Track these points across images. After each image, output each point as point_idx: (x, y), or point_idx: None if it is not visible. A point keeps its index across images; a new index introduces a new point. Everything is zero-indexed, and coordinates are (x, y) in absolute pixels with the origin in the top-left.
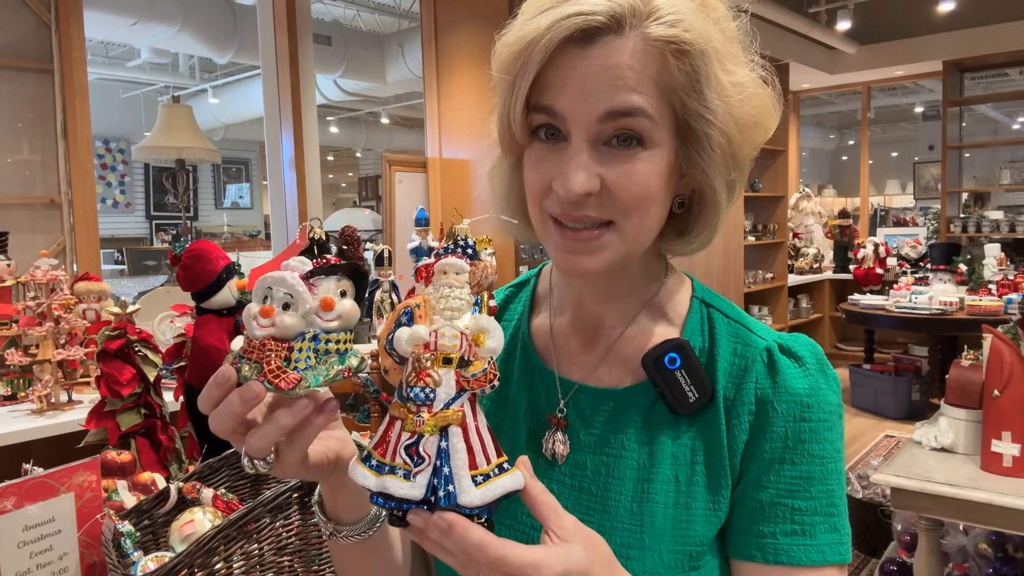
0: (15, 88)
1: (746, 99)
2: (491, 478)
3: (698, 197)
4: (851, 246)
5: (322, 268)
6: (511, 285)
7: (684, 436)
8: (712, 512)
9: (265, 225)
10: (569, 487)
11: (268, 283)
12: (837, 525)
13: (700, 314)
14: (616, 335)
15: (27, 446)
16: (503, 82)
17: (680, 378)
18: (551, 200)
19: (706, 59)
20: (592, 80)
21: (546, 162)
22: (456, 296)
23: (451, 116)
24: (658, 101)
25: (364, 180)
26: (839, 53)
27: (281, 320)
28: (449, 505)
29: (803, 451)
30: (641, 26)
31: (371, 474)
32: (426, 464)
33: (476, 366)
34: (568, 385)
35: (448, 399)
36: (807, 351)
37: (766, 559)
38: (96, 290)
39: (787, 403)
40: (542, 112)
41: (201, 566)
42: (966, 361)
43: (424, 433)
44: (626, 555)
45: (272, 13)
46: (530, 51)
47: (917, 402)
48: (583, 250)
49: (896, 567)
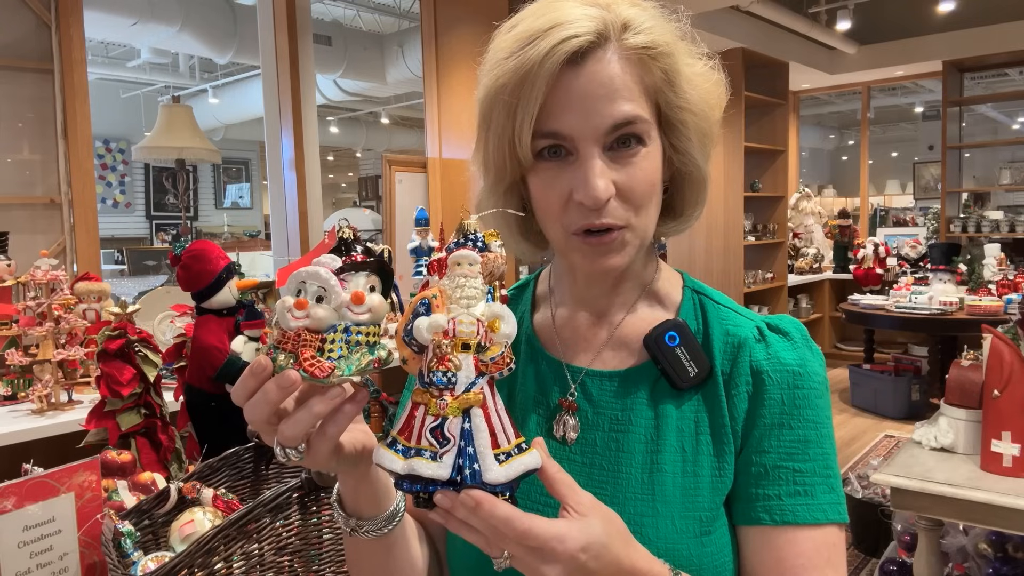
0: (15, 88)
1: (706, 84)
2: (512, 456)
3: (685, 178)
4: (851, 246)
5: (352, 264)
6: (512, 288)
7: (687, 409)
8: (718, 479)
9: (265, 225)
10: (581, 464)
11: (302, 277)
12: (834, 486)
13: (692, 301)
14: (618, 321)
15: (27, 446)
16: (500, 112)
17: (680, 354)
18: (571, 215)
19: (673, 56)
20: (591, 97)
21: (560, 179)
22: (471, 285)
23: (451, 116)
24: (647, 103)
25: (364, 180)
26: (839, 53)
27: (315, 312)
28: (475, 483)
29: (799, 416)
30: (619, 39)
31: (398, 458)
32: (451, 445)
33: (493, 350)
34: (576, 371)
35: (468, 382)
36: (793, 327)
37: (773, 520)
38: (96, 290)
39: (780, 372)
40: (547, 137)
41: (201, 566)
42: (966, 361)
43: (448, 415)
44: (640, 523)
45: (272, 13)
46: (533, 79)
47: (917, 402)
48: (608, 251)
49: (896, 567)
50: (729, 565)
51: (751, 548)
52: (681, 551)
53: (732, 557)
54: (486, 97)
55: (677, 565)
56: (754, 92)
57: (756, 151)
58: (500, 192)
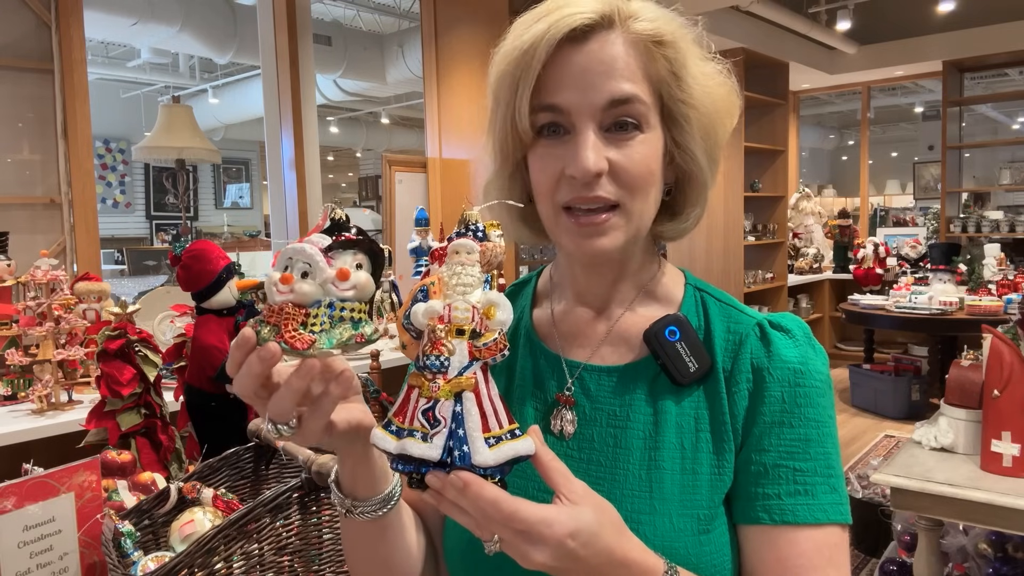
0: (15, 88)
1: (715, 85)
2: (503, 441)
3: (686, 178)
4: (851, 246)
5: (340, 243)
6: (514, 284)
7: (687, 405)
8: (717, 476)
9: (265, 225)
10: (578, 460)
11: (289, 254)
12: (836, 486)
13: (694, 298)
14: (617, 316)
15: (27, 446)
16: (505, 87)
17: (680, 349)
18: (562, 190)
19: (680, 51)
20: (591, 72)
21: (553, 155)
22: (468, 273)
23: (451, 116)
24: (648, 89)
25: (364, 180)
26: (839, 53)
27: (300, 287)
28: (464, 464)
29: (799, 415)
30: (625, 24)
31: (391, 438)
32: (442, 427)
33: (487, 336)
34: (574, 365)
35: (461, 367)
36: (795, 325)
37: (772, 519)
38: (96, 290)
39: (781, 370)
40: (546, 111)
41: (201, 566)
42: (966, 361)
43: (440, 398)
44: (637, 520)
45: (272, 13)
46: (532, 53)
47: (917, 402)
48: (596, 232)
49: (896, 567)
50: (728, 563)
51: (751, 547)
52: (679, 549)
53: (731, 555)
54: (495, 76)
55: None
56: (754, 92)
57: (756, 151)
58: (505, 176)
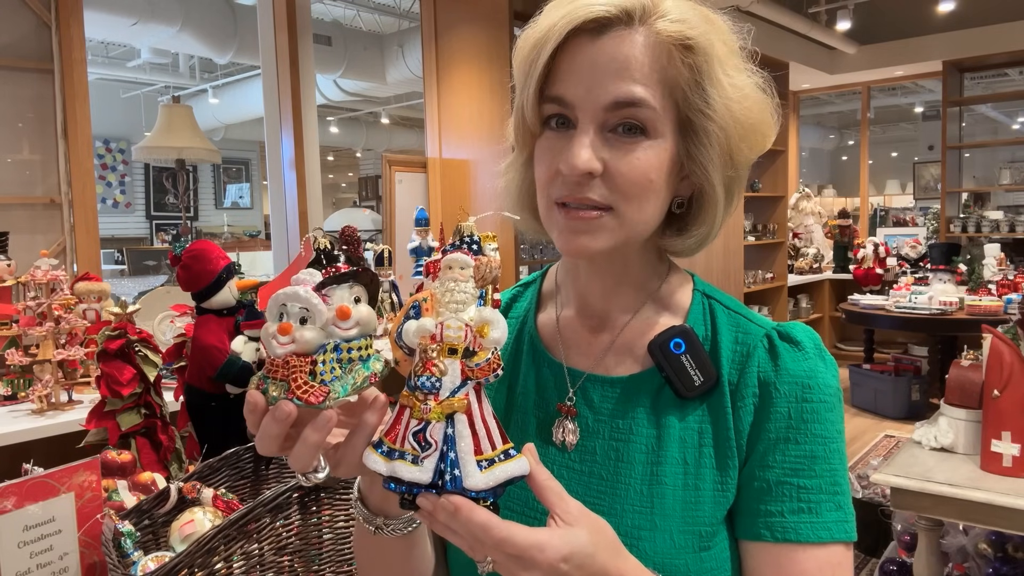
0: (15, 88)
1: (744, 100)
2: (496, 463)
3: (697, 194)
4: (851, 246)
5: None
6: (518, 285)
7: (691, 419)
8: (720, 493)
9: (265, 225)
10: (579, 472)
11: (282, 300)
12: (841, 504)
13: (702, 306)
14: (621, 325)
15: (27, 446)
16: (520, 73)
17: (685, 362)
18: (556, 185)
19: (708, 58)
20: (600, 68)
21: (554, 148)
22: (461, 290)
23: (451, 116)
24: (661, 94)
25: (364, 180)
26: (839, 53)
27: (301, 335)
28: (455, 488)
29: (806, 431)
30: (649, 22)
31: (382, 460)
32: (433, 449)
33: (480, 356)
34: (576, 375)
35: (454, 387)
36: (805, 336)
37: (774, 537)
38: (96, 290)
39: (788, 384)
40: (553, 102)
41: (201, 566)
42: (966, 361)
43: (431, 420)
44: (637, 536)
45: (272, 13)
46: (545, 40)
47: (917, 402)
48: (584, 229)
49: (896, 567)
50: None
51: (752, 564)
52: (679, 566)
53: (732, 571)
54: (516, 61)
55: None
56: None
57: None
58: (520, 163)
